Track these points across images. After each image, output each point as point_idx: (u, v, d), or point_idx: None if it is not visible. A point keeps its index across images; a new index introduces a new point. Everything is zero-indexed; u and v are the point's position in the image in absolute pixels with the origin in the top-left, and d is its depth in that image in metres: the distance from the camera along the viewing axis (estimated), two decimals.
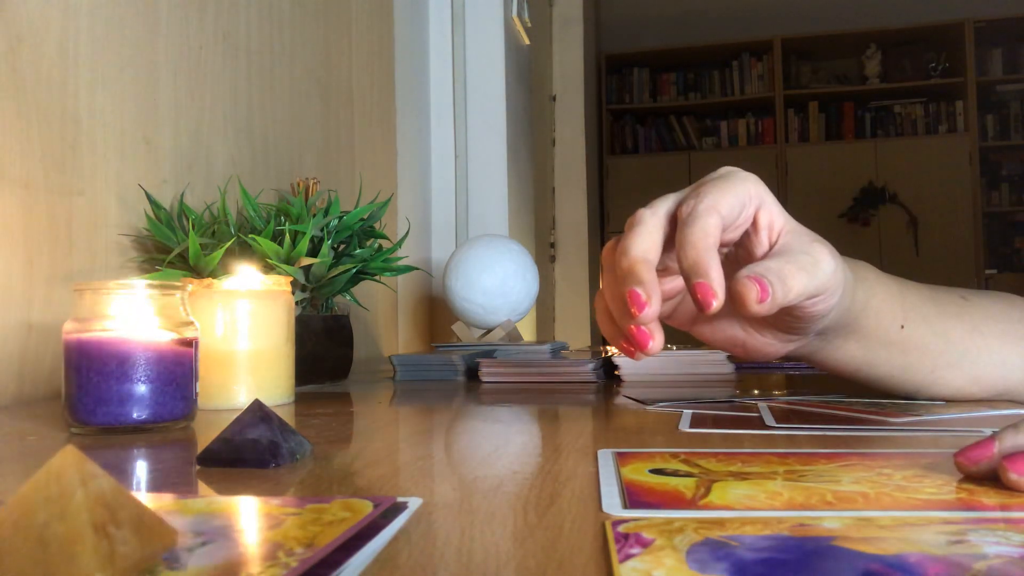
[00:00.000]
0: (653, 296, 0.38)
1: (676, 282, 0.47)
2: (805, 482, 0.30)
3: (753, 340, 0.48)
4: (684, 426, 0.46)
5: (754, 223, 0.44)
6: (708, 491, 0.28)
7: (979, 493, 0.28)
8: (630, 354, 0.41)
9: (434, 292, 1.72)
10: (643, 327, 0.39)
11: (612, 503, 0.28)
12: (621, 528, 0.24)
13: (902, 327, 0.50)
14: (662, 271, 0.46)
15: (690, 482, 0.30)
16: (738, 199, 0.42)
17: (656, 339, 0.40)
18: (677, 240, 0.40)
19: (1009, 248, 4.24)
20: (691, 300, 0.46)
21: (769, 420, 0.47)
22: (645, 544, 0.22)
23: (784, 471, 0.32)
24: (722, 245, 0.44)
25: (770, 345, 0.48)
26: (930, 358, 0.51)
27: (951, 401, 0.53)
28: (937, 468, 0.32)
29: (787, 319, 0.45)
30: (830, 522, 0.24)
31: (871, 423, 0.45)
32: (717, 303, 0.38)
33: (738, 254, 0.46)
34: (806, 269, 0.41)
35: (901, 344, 0.50)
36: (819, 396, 0.59)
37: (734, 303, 0.39)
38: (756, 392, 0.64)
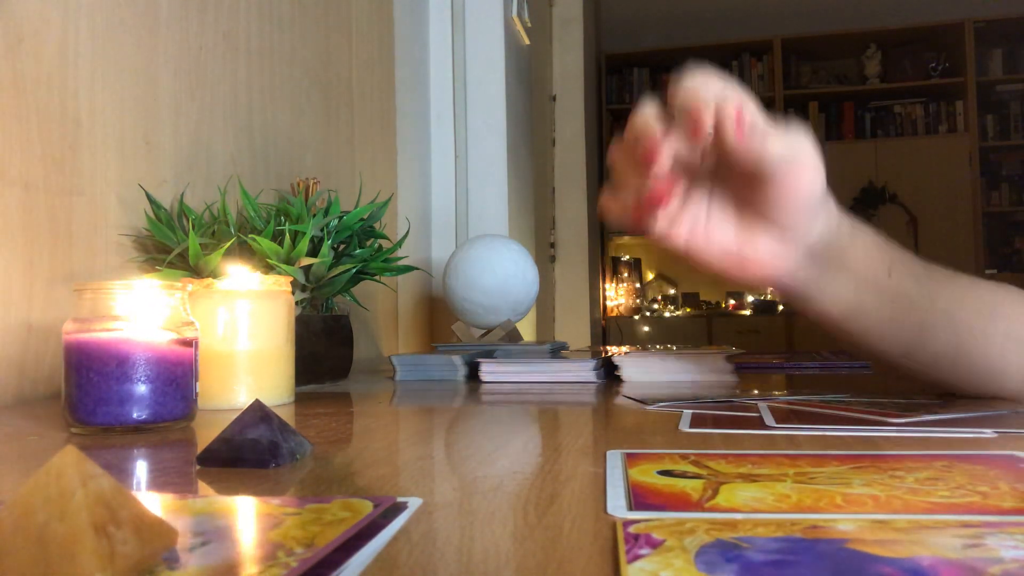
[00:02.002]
0: (665, 144, 0.43)
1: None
2: (815, 484, 0.30)
3: (748, 249, 0.48)
4: (684, 426, 0.46)
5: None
6: (716, 493, 0.28)
7: (994, 497, 0.28)
8: (650, 216, 0.45)
9: (434, 292, 1.72)
10: (659, 181, 0.43)
11: (617, 504, 0.27)
12: (632, 528, 0.24)
13: (889, 274, 0.51)
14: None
15: (698, 484, 0.30)
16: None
17: (671, 192, 0.44)
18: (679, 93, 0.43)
19: (1009, 248, 4.24)
20: (684, 222, 0.48)
21: (769, 420, 0.47)
22: (655, 545, 0.22)
23: (794, 473, 0.32)
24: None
25: (766, 255, 0.48)
26: (917, 315, 0.52)
27: (947, 393, 0.53)
28: (951, 471, 0.32)
29: (776, 200, 0.46)
30: (844, 524, 0.24)
31: (871, 423, 0.45)
32: (708, 129, 0.42)
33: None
34: (781, 133, 0.44)
35: (889, 292, 0.51)
36: (819, 396, 0.59)
37: (718, 130, 0.42)
38: (756, 392, 0.64)
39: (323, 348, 0.79)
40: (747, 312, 4.34)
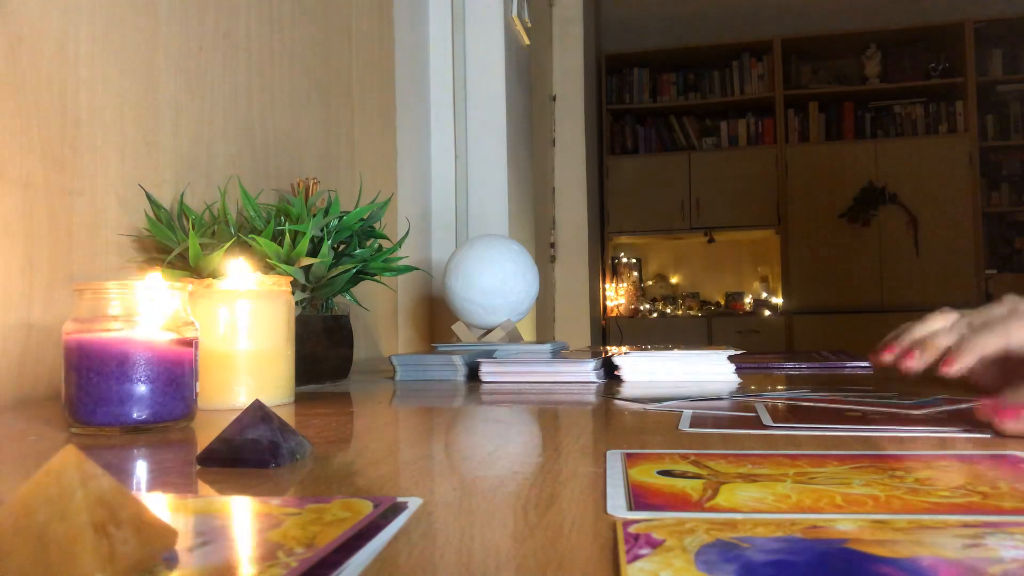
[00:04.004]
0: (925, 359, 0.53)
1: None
2: (815, 484, 0.30)
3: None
4: (684, 426, 0.46)
5: None
6: (715, 493, 0.28)
7: (994, 497, 0.27)
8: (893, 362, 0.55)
9: (434, 292, 1.72)
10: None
11: (617, 504, 0.27)
12: (632, 528, 0.24)
13: None
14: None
15: (698, 484, 0.30)
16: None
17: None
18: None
19: (1009, 248, 4.23)
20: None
21: (766, 419, 0.47)
22: (655, 545, 0.22)
23: (794, 473, 0.32)
24: None
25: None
26: None
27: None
28: (950, 471, 0.32)
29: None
30: (844, 524, 0.24)
31: (870, 422, 0.45)
32: (918, 366, 0.52)
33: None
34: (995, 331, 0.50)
35: None
36: (816, 393, 0.59)
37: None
38: (756, 392, 0.64)
39: (323, 348, 0.79)
40: (747, 312, 4.34)
